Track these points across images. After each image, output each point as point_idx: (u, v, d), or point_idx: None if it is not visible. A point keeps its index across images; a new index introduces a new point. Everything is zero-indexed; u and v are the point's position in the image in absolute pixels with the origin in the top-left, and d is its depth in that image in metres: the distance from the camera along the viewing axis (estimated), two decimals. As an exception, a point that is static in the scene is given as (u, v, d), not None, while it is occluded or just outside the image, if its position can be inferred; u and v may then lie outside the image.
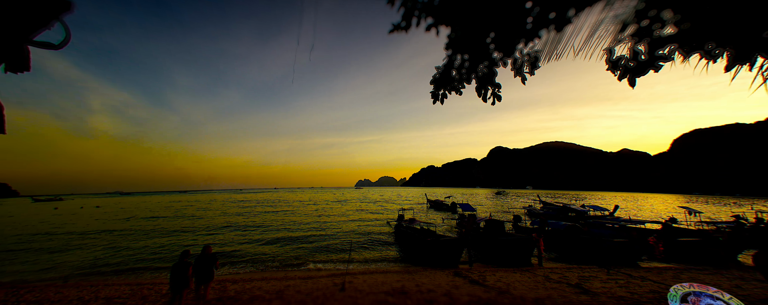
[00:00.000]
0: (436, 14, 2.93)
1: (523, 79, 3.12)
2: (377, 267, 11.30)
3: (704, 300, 2.09)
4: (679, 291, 2.21)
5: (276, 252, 13.83)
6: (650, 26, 2.00)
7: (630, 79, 2.39)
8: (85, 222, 27.26)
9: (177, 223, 25.05)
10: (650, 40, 2.05)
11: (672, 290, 2.27)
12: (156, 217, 30.27)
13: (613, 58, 2.43)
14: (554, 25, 2.43)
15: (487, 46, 2.98)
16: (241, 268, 11.54)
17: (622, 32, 2.20)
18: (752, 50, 1.68)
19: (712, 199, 78.10)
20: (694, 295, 2.14)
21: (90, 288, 8.67)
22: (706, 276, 9.02)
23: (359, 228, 20.70)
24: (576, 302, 6.54)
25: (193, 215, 32.25)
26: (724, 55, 1.89)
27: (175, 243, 16.42)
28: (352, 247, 14.11)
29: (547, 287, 7.68)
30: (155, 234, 19.51)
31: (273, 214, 31.38)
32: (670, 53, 2.11)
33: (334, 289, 7.68)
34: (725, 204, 51.67)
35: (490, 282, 8.15)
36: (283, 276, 9.86)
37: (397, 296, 7.05)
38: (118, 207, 50.46)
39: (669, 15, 1.91)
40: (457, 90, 3.60)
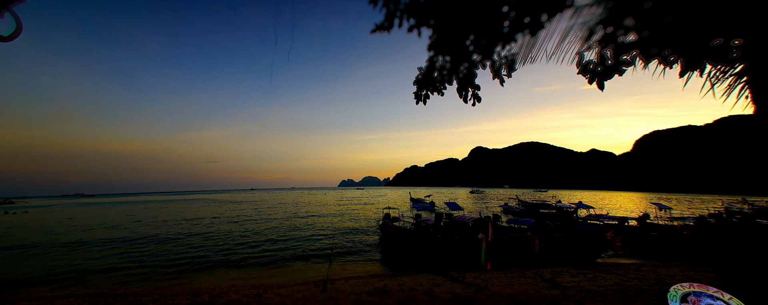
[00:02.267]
0: (418, 16, 2.98)
1: (502, 81, 3.24)
2: (360, 269, 11.26)
3: (704, 300, 2.07)
4: (679, 291, 2.19)
5: (252, 255, 13.41)
6: (614, 33, 2.15)
7: (598, 82, 2.56)
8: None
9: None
10: (615, 46, 2.21)
11: (672, 290, 2.24)
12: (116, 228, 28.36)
13: (582, 63, 2.59)
14: (529, 29, 2.55)
15: (467, 48, 3.07)
16: (215, 273, 11.09)
17: (589, 38, 2.35)
18: (701, 57, 1.86)
19: (665, 196, 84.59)
20: (694, 295, 2.12)
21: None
22: (662, 270, 9.77)
23: (341, 228, 20.52)
24: (548, 296, 6.86)
25: (184, 219, 30.54)
26: (678, 61, 2.07)
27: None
28: (334, 248, 13.96)
29: (523, 282, 8.00)
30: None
31: (246, 215, 30.40)
32: (633, 59, 2.28)
33: (315, 290, 7.57)
34: (678, 201, 56.24)
35: (469, 280, 8.36)
36: (261, 281, 9.59)
37: (379, 296, 7.06)
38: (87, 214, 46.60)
39: (631, 22, 2.07)
40: (439, 91, 3.68)
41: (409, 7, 2.95)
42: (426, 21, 2.97)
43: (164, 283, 9.93)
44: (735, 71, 2.48)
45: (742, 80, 2.58)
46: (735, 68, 2.54)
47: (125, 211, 42.32)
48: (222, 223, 25.26)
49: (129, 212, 40.44)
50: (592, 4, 2.17)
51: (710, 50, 1.89)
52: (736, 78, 2.59)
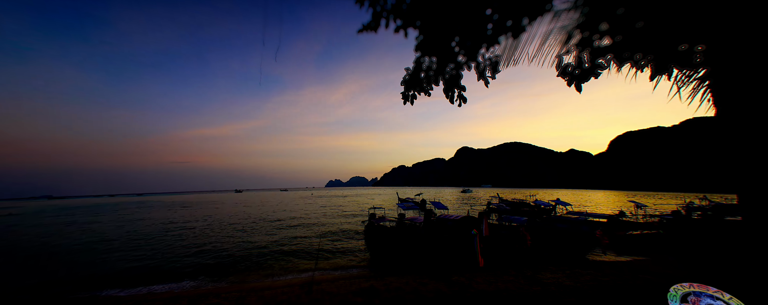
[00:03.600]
0: (404, 17, 3.01)
1: (486, 83, 3.32)
2: (345, 270, 11.18)
3: (704, 300, 2.06)
4: (679, 291, 2.16)
5: (236, 258, 13.04)
6: (590, 37, 2.26)
7: (576, 84, 2.67)
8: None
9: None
10: (591, 49, 2.31)
11: (672, 290, 2.21)
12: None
13: (562, 65, 2.69)
14: (511, 32, 2.63)
15: (452, 50, 3.12)
16: (195, 277, 10.70)
17: (568, 42, 2.44)
18: (668, 61, 1.98)
19: (639, 194, 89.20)
20: (694, 295, 2.11)
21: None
22: (635, 264, 10.31)
23: (327, 230, 20.31)
24: (529, 292, 7.08)
25: (169, 220, 29.15)
26: (648, 65, 2.20)
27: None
28: (320, 249, 13.80)
29: (505, 280, 8.21)
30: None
31: (224, 216, 29.51)
32: (608, 62, 2.40)
33: (301, 292, 7.46)
34: (650, 199, 59.44)
35: (454, 278, 8.49)
36: (243, 286, 9.35)
37: (365, 296, 7.05)
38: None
39: (605, 27, 2.18)
40: (425, 91, 3.72)
41: (395, 8, 2.97)
42: (412, 22, 3.00)
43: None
44: (699, 75, 2.66)
45: (704, 84, 2.77)
46: (698, 73, 2.73)
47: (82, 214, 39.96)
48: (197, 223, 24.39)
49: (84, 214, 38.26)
50: (570, 8, 2.26)
51: (677, 55, 2.01)
52: (700, 82, 2.78)
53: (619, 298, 6.54)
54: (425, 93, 3.69)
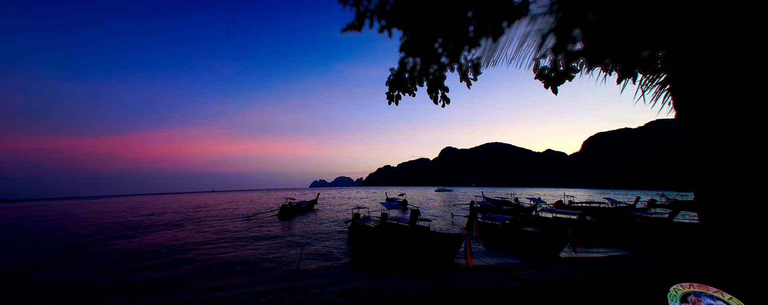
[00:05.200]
0: (388, 17, 3.02)
1: (469, 84, 3.40)
2: (330, 271, 11.07)
3: (704, 300, 2.04)
4: (679, 291, 2.14)
5: (210, 260, 12.56)
6: (564, 41, 2.37)
7: (553, 87, 2.80)
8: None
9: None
10: (565, 53, 2.43)
11: (672, 290, 2.19)
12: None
13: (539, 68, 2.81)
14: (491, 34, 2.71)
15: (436, 51, 3.18)
16: (164, 281, 10.20)
17: (543, 45, 2.56)
18: (633, 66, 2.12)
19: (609, 192, 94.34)
20: (694, 295, 2.09)
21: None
22: (603, 259, 10.93)
23: (309, 231, 20.01)
24: (508, 288, 7.34)
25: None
26: (616, 69, 2.35)
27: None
28: (302, 251, 13.57)
29: (486, 277, 8.44)
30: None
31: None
32: (580, 66, 2.53)
33: (283, 295, 7.31)
34: (617, 196, 63.02)
35: (436, 277, 8.63)
36: (223, 292, 9.02)
37: (348, 296, 7.01)
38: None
39: (578, 32, 2.30)
40: (410, 91, 3.75)
41: (379, 9, 2.98)
42: (396, 23, 3.02)
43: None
44: (660, 80, 2.87)
45: (665, 88, 2.98)
46: (660, 77, 2.94)
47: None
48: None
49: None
50: (545, 13, 2.37)
51: (640, 60, 2.16)
52: (661, 86, 2.99)
53: (589, 290, 6.92)
54: (410, 93, 3.73)
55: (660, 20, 2.07)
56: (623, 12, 2.08)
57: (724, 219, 2.37)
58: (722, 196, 2.33)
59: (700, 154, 2.44)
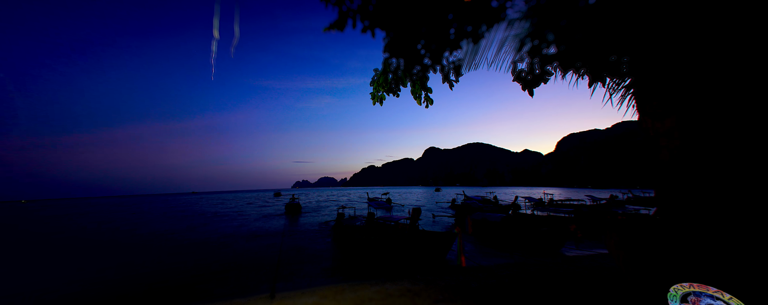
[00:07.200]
0: (371, 17, 3.03)
1: (451, 85, 3.48)
2: (312, 273, 10.89)
3: (704, 300, 2.04)
4: (679, 291, 2.14)
5: (185, 266, 11.99)
6: (539, 45, 2.49)
7: (529, 89, 2.92)
8: None
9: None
10: (540, 56, 2.56)
11: (672, 290, 2.18)
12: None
13: (516, 71, 2.93)
14: (471, 37, 2.79)
15: (418, 52, 3.22)
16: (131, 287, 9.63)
17: (521, 49, 2.67)
18: (602, 70, 2.27)
19: (583, 192, 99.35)
20: (694, 295, 2.09)
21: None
22: (583, 254, 11.39)
23: (290, 232, 19.59)
24: (487, 285, 7.56)
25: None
26: (587, 73, 2.49)
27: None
28: (282, 251, 13.26)
29: (467, 273, 8.64)
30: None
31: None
32: (554, 69, 2.67)
33: (264, 296, 7.12)
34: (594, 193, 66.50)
35: (419, 276, 8.73)
36: (200, 298, 8.65)
37: (331, 297, 6.94)
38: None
39: (551, 37, 2.42)
40: (394, 92, 3.79)
41: (361, 8, 2.98)
42: (379, 23, 3.04)
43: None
44: (625, 84, 3.08)
45: (630, 92, 3.21)
46: (626, 81, 3.16)
47: None
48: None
49: None
50: (522, 18, 2.48)
51: (608, 65, 2.31)
52: (626, 90, 3.22)
53: (577, 285, 7.24)
54: (394, 93, 3.77)
55: (625, 27, 2.23)
56: (592, 18, 2.22)
57: (679, 214, 2.58)
58: (680, 192, 2.54)
59: (660, 154, 2.65)
